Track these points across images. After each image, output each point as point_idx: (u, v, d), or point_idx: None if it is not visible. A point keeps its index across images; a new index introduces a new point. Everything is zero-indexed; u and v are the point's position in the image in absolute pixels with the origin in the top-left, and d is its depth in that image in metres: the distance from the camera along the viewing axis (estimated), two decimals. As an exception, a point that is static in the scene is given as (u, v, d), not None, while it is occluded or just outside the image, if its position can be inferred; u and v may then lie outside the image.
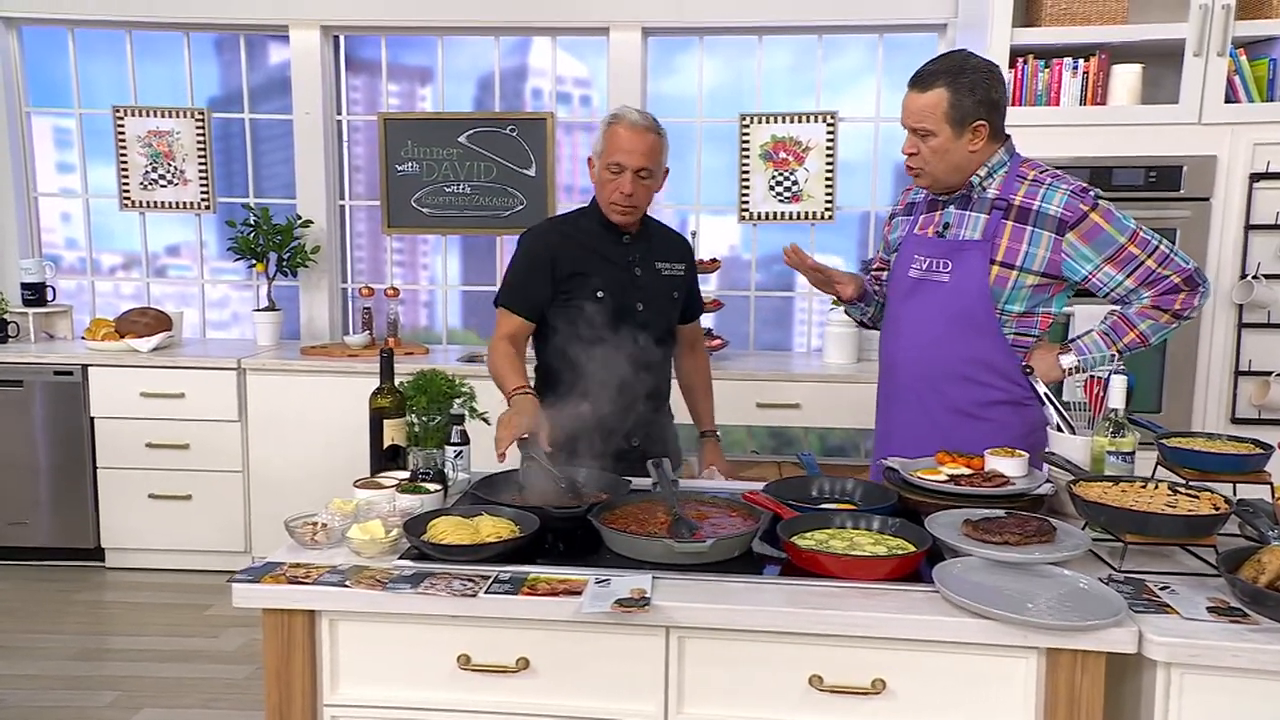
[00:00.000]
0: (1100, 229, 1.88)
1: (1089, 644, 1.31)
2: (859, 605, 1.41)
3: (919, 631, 1.37)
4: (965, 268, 1.95)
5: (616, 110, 2.16)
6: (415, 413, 1.99)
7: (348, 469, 3.65)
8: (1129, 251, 1.88)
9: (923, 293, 2.02)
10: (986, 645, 1.36)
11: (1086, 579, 1.43)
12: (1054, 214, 1.90)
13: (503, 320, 2.20)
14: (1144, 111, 3.19)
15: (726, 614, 1.42)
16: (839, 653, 1.42)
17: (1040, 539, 1.53)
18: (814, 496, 1.89)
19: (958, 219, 1.99)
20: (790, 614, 1.41)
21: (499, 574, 1.51)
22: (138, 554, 3.89)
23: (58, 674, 3.02)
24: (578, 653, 1.47)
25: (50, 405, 3.79)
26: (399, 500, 1.73)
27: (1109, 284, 1.91)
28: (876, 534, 1.63)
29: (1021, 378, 1.96)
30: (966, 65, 1.92)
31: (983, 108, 1.90)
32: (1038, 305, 1.96)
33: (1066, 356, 1.95)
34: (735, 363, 3.87)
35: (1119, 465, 1.69)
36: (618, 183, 2.11)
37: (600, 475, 1.93)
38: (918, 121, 1.93)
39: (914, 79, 1.95)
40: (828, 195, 4.09)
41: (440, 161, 4.21)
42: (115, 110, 4.25)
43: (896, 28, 4.00)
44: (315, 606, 1.48)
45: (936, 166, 1.95)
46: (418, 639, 1.49)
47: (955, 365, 1.98)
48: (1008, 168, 1.97)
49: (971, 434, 1.95)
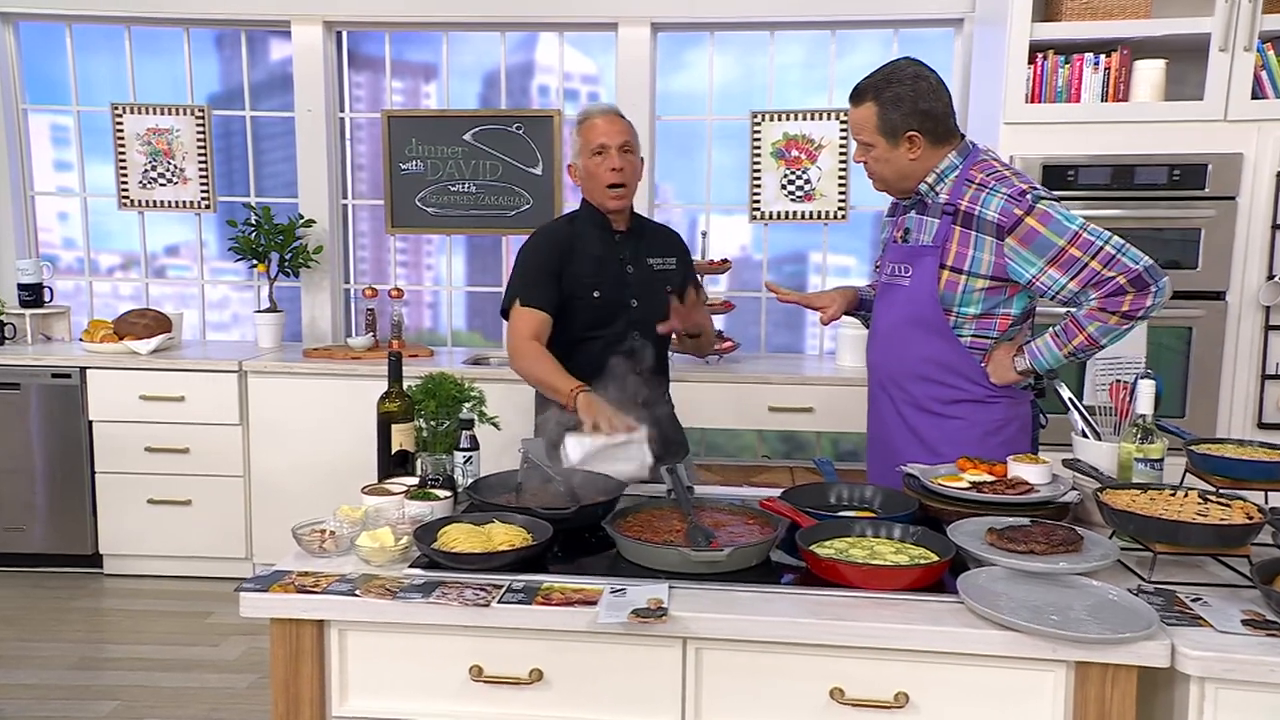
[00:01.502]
0: (1037, 233, 1.89)
1: (1120, 657, 1.31)
2: (881, 616, 1.41)
3: (943, 643, 1.37)
4: (920, 272, 2.02)
5: (582, 110, 2.31)
6: (424, 417, 1.99)
7: (351, 474, 3.67)
8: (1070, 254, 1.88)
9: (889, 296, 2.11)
10: (1013, 658, 1.36)
11: (1116, 590, 1.42)
12: (992, 219, 1.92)
13: (522, 319, 2.20)
14: (1167, 108, 3.18)
15: (745, 625, 1.42)
16: (861, 665, 1.41)
17: (1067, 548, 1.53)
18: (832, 504, 1.89)
19: (917, 224, 2.07)
20: (810, 625, 1.40)
21: (512, 583, 1.51)
22: (137, 560, 3.90)
23: (56, 683, 3.02)
24: (593, 664, 1.47)
25: (48, 408, 3.80)
26: (408, 507, 1.73)
27: (1053, 287, 1.91)
28: (898, 542, 1.63)
29: (983, 377, 2.01)
30: (893, 78, 1.97)
31: (912, 119, 1.96)
32: (995, 307, 1.99)
33: (1020, 359, 1.98)
34: (747, 365, 3.87)
35: (1147, 472, 1.69)
36: (606, 162, 2.22)
37: (597, 478, 1.94)
38: (857, 134, 2.04)
39: (851, 93, 2.03)
40: (841, 194, 4.09)
41: (445, 160, 4.21)
42: (114, 107, 4.26)
43: (912, 23, 3.99)
44: (324, 616, 1.48)
45: (884, 173, 2.04)
46: (428, 649, 1.49)
47: (915, 365, 2.06)
48: (958, 171, 2.00)
49: (939, 431, 2.03)
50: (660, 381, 2.40)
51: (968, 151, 2.02)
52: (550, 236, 2.28)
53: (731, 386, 3.69)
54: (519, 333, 2.19)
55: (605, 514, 1.76)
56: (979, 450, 1.90)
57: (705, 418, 3.69)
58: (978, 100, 3.59)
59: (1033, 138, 3.24)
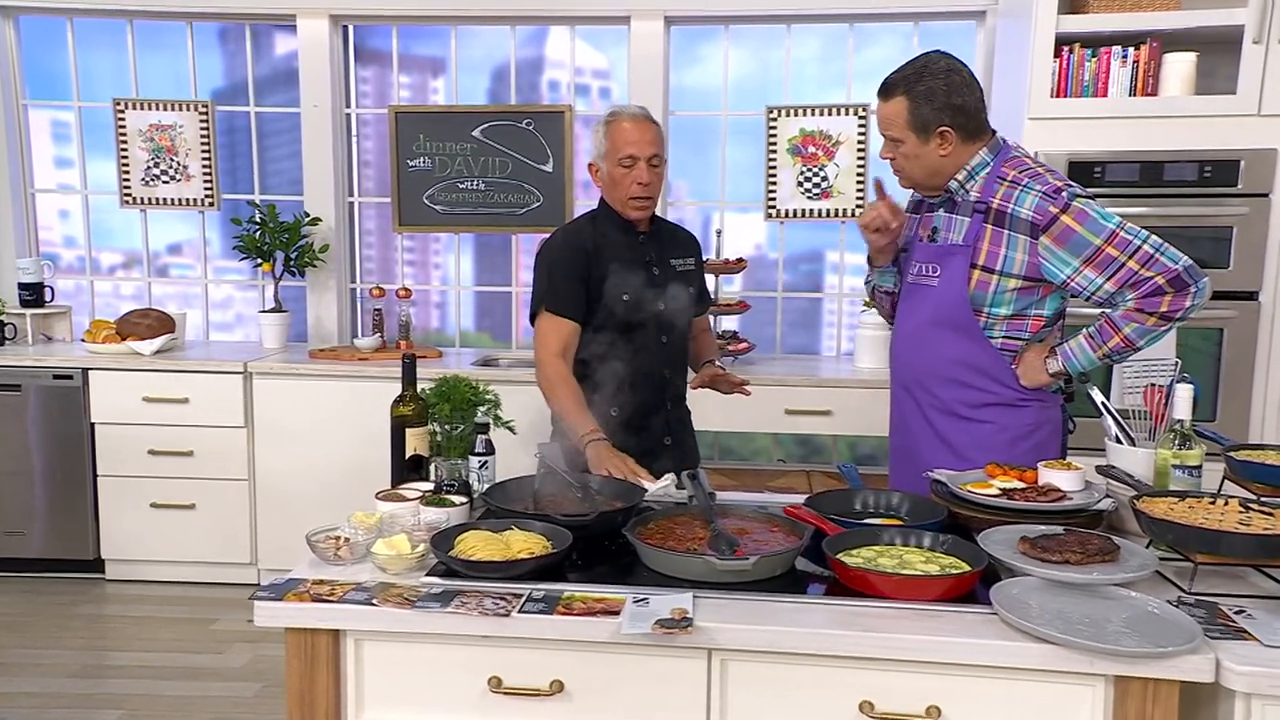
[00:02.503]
0: (1073, 231, 1.87)
1: (1162, 672, 1.30)
2: (912, 627, 1.40)
3: (977, 656, 1.36)
4: (949, 272, 2.01)
5: (611, 109, 2.26)
6: (438, 421, 1.99)
7: (359, 478, 3.68)
8: (1107, 253, 1.86)
9: (915, 296, 2.09)
10: (1049, 672, 1.35)
11: (1156, 602, 1.41)
12: (1026, 217, 1.91)
13: (550, 329, 2.19)
14: (1198, 103, 3.16)
15: (772, 635, 1.41)
16: (891, 678, 1.40)
17: (1103, 558, 1.51)
18: (857, 510, 1.88)
19: (945, 223, 2.05)
20: (839, 636, 1.39)
21: (532, 592, 1.50)
22: (139, 565, 3.91)
23: (59, 691, 3.03)
24: (614, 675, 1.47)
25: (49, 410, 3.82)
26: (424, 514, 1.73)
27: (1089, 287, 1.89)
28: (928, 551, 1.62)
29: (1013, 379, 1.99)
30: (925, 72, 1.95)
31: (945, 114, 1.94)
32: (1027, 308, 1.97)
33: (1052, 361, 1.96)
34: (762, 367, 3.86)
35: (1185, 480, 1.68)
36: (633, 174, 2.19)
37: (614, 482, 1.95)
38: (886, 129, 2.02)
39: (880, 87, 2.02)
40: (859, 192, 4.07)
41: (453, 156, 4.21)
42: (115, 103, 4.28)
43: (932, 15, 3.98)
44: (341, 626, 1.47)
45: (912, 171, 2.02)
46: (446, 660, 1.49)
47: (943, 368, 2.04)
48: (989, 168, 1.99)
49: (967, 436, 2.02)
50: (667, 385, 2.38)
51: (999, 148, 2.01)
52: (575, 238, 2.26)
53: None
54: (547, 347, 2.18)
55: (625, 521, 1.75)
56: (1008, 456, 1.89)
57: (719, 421, 3.68)
58: (1000, 95, 3.57)
59: (1058, 133, 3.22)
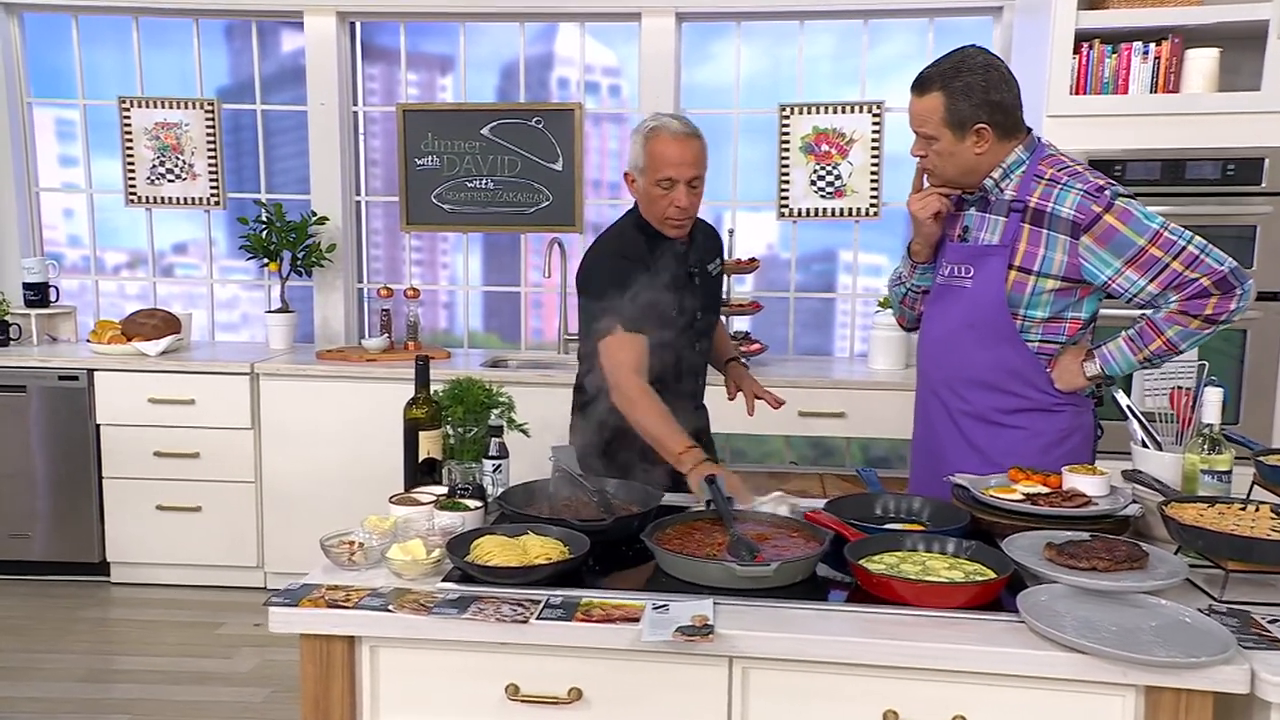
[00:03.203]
0: (1116, 231, 1.85)
1: (1195, 682, 1.29)
2: (937, 635, 1.39)
3: (1005, 665, 1.35)
4: (985, 273, 1.98)
5: (654, 121, 2.14)
6: (451, 424, 1.99)
7: (366, 480, 3.69)
8: (1151, 254, 1.84)
9: (946, 298, 2.06)
10: (1079, 682, 1.34)
11: (1189, 611, 1.40)
12: (1067, 216, 1.88)
13: (625, 347, 2.05)
14: (1222, 100, 3.15)
15: (794, 643, 1.40)
16: (916, 686, 1.40)
17: (1131, 565, 1.50)
18: (878, 515, 1.87)
19: (978, 222, 2.02)
20: (863, 644, 1.39)
21: (549, 598, 1.50)
22: (144, 568, 3.92)
23: (65, 696, 3.04)
24: (634, 683, 1.46)
25: (54, 411, 3.83)
26: (438, 518, 1.73)
27: (1131, 289, 1.87)
28: (951, 557, 1.61)
29: (1049, 384, 1.97)
30: (963, 67, 1.93)
31: (983, 110, 1.92)
32: (1064, 310, 1.95)
33: (1090, 364, 1.94)
34: (775, 369, 3.85)
35: (1214, 485, 1.66)
36: (671, 197, 2.11)
37: (630, 486, 1.94)
38: (920, 126, 1.98)
39: (914, 82, 1.98)
40: (873, 190, 4.06)
41: (462, 155, 4.21)
42: (121, 101, 4.29)
43: (948, 11, 3.97)
44: (357, 632, 1.47)
45: (945, 169, 1.99)
46: (463, 667, 1.48)
47: (977, 372, 2.01)
48: (1025, 167, 1.97)
49: (999, 442, 1.99)
50: (698, 391, 2.38)
51: (1034, 146, 1.98)
52: (631, 249, 2.16)
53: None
54: (625, 365, 2.04)
55: (642, 526, 1.75)
56: (1041, 462, 1.87)
57: (731, 423, 3.66)
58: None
59: (1077, 131, 3.21)
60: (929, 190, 2.03)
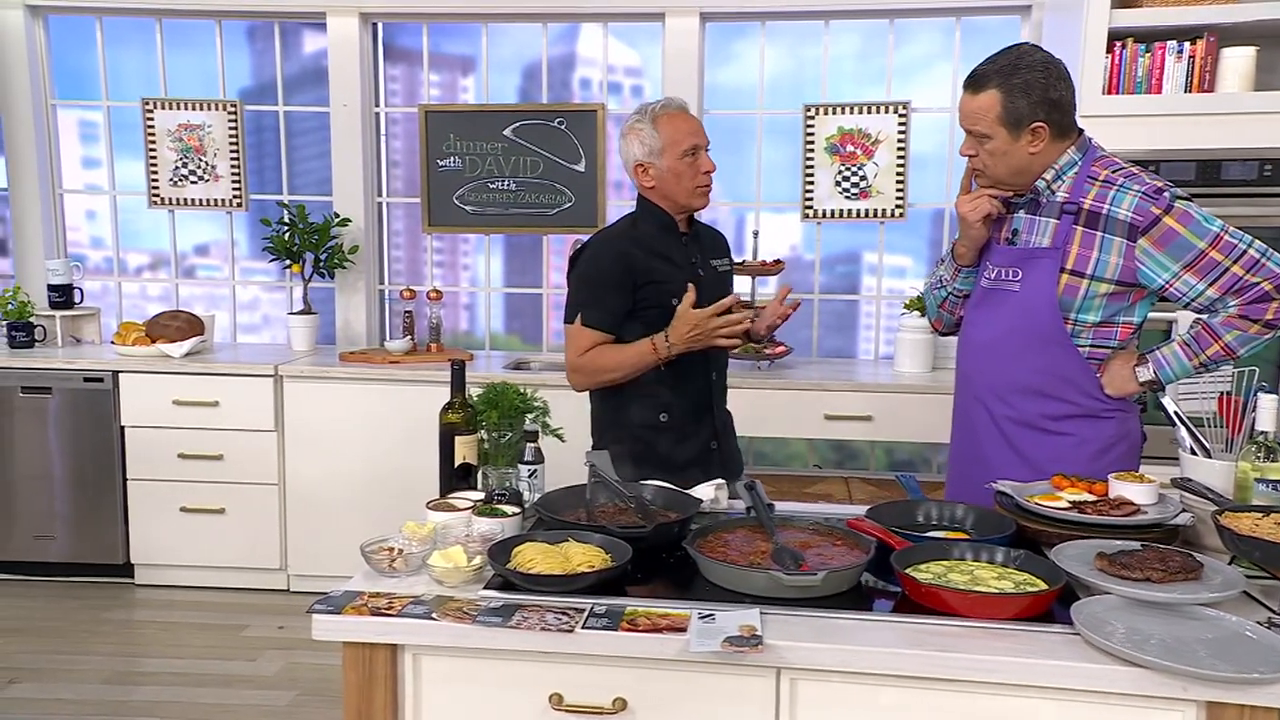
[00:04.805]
0: (1176, 234, 1.82)
1: (1259, 699, 1.26)
2: (990, 647, 1.37)
3: (1062, 679, 1.33)
4: (1035, 276, 1.94)
5: (655, 106, 2.23)
6: (486, 428, 1.97)
7: (390, 483, 3.69)
8: (1210, 257, 1.81)
9: (993, 302, 2.03)
10: (1137, 696, 1.31)
11: (1250, 624, 1.37)
12: (1124, 219, 1.85)
13: (581, 338, 2.20)
14: (1257, 99, 3.11)
15: (844, 654, 1.39)
16: (966, 699, 1.38)
17: (1185, 576, 1.48)
18: (920, 523, 1.85)
19: (1027, 225, 1.99)
20: (915, 656, 1.37)
21: (594, 606, 1.49)
22: (168, 570, 3.92)
23: (92, 699, 3.04)
24: (679, 693, 1.45)
25: (79, 413, 3.84)
26: (476, 524, 1.72)
27: (1189, 293, 1.85)
28: (1000, 567, 1.59)
29: (1099, 390, 1.94)
30: (1021, 64, 1.89)
31: (1040, 109, 1.88)
32: (1116, 314, 1.92)
33: (1143, 369, 1.91)
34: (800, 371, 3.83)
35: (1269, 494, 1.64)
36: (698, 163, 2.21)
37: (667, 493, 1.93)
38: (972, 124, 1.94)
39: (967, 79, 1.95)
40: (899, 191, 4.04)
41: (484, 156, 4.21)
42: (144, 103, 4.30)
43: (975, 10, 3.94)
44: (400, 640, 1.46)
45: (996, 169, 1.96)
46: (506, 676, 1.47)
47: (1025, 377, 1.98)
48: (1078, 168, 1.94)
49: (1046, 449, 1.96)
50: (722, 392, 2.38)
51: (1086, 147, 1.96)
52: (610, 247, 2.23)
53: (787, 394, 3.65)
54: (578, 348, 2.20)
55: (681, 532, 1.73)
56: (1089, 470, 1.85)
57: (756, 426, 3.66)
58: (1048, 92, 3.52)
59: (1110, 131, 3.11)
60: (979, 192, 2.00)
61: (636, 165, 2.23)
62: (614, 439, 2.20)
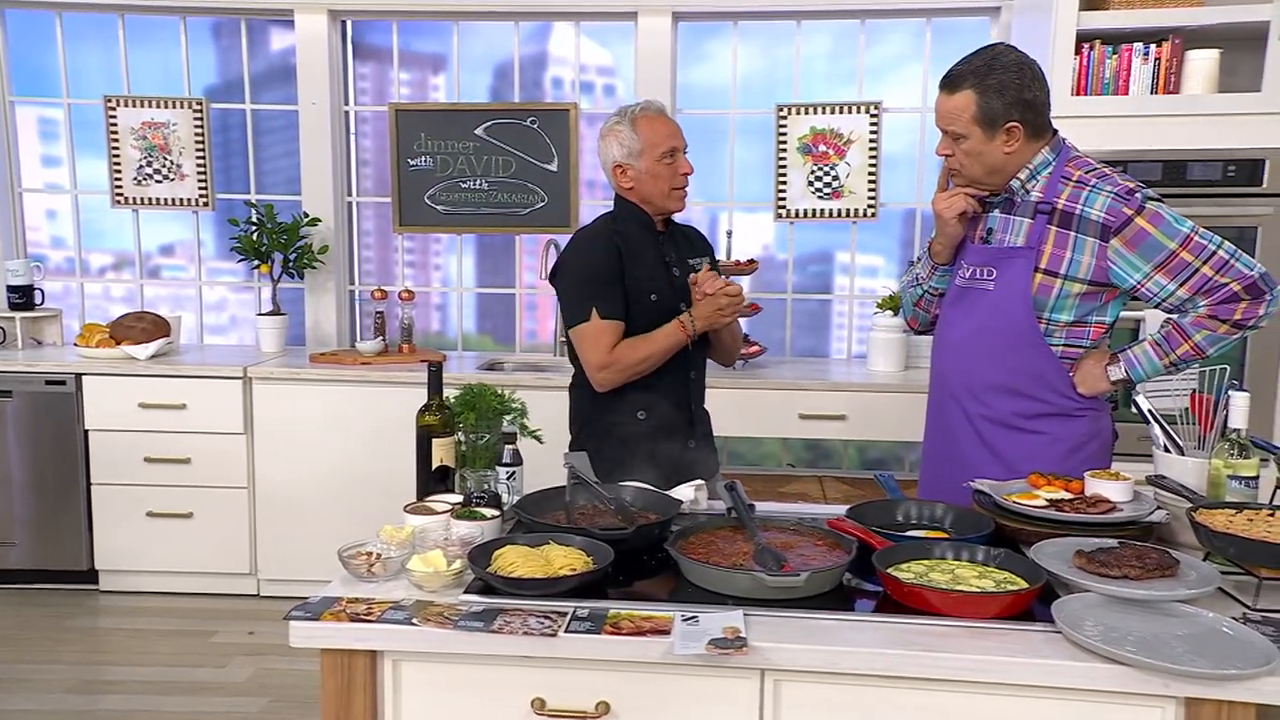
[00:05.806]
0: (1147, 234, 1.85)
1: (1237, 694, 1.27)
2: (975, 647, 1.37)
3: (1044, 677, 1.33)
4: (1009, 275, 1.96)
5: (634, 108, 2.24)
6: (463, 430, 1.95)
7: (362, 486, 3.64)
8: (1181, 258, 1.84)
9: (967, 301, 2.04)
10: (1118, 693, 1.32)
11: (1227, 620, 1.39)
12: (1096, 219, 1.87)
13: (602, 334, 2.16)
14: (1222, 100, 3.16)
15: (828, 655, 1.38)
16: (950, 698, 1.38)
17: (1162, 573, 1.49)
18: (899, 522, 1.85)
19: (1002, 224, 2.01)
20: (900, 656, 1.37)
21: (576, 610, 1.47)
22: (134, 576, 3.84)
23: (55, 708, 2.97)
24: (663, 696, 1.43)
25: (41, 417, 3.75)
26: (455, 528, 1.69)
27: (1160, 293, 1.87)
28: (980, 565, 1.59)
29: (1071, 389, 1.96)
30: (996, 64, 1.91)
31: (1015, 109, 1.90)
32: (1089, 314, 1.94)
33: (1115, 368, 1.93)
34: (773, 371, 3.84)
35: (1241, 491, 1.66)
36: (676, 165, 2.22)
37: (647, 494, 1.92)
38: (948, 124, 1.96)
39: (943, 79, 1.97)
40: (870, 191, 4.05)
41: (455, 155, 4.17)
42: (106, 100, 4.21)
43: (945, 12, 3.97)
44: (380, 646, 1.44)
45: (972, 169, 1.97)
46: (488, 681, 1.45)
47: (999, 376, 1.99)
48: (1052, 168, 1.96)
49: (1019, 447, 1.98)
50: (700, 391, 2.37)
51: (1059, 147, 1.97)
52: (605, 239, 2.23)
53: (761, 393, 3.65)
54: (604, 346, 2.15)
55: (662, 534, 1.72)
56: (1062, 468, 1.87)
57: (730, 426, 3.65)
58: (1018, 93, 3.56)
59: (1078, 131, 3.11)
60: (955, 190, 2.02)
61: (615, 166, 2.23)
62: (592, 439, 2.19)
